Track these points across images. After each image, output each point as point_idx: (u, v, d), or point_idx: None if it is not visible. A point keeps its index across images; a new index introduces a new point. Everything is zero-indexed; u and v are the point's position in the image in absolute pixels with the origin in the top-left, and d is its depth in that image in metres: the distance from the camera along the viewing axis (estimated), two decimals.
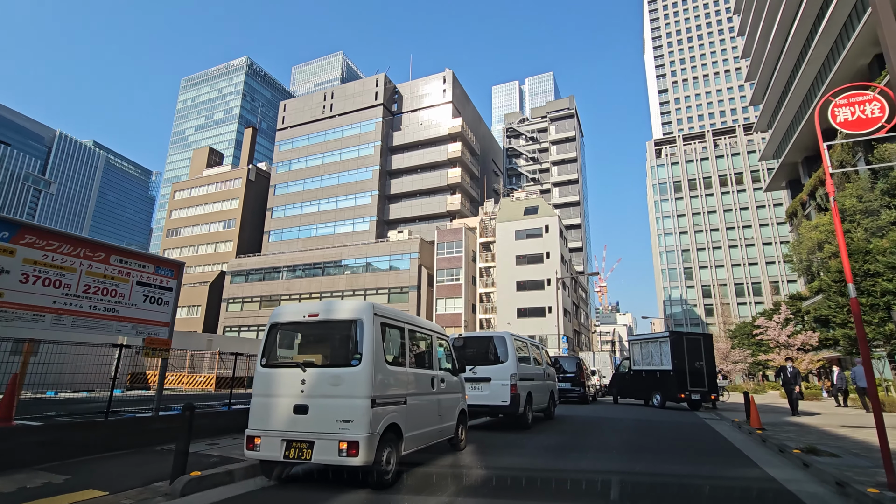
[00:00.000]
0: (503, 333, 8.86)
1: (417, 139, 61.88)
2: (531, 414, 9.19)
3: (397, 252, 50.10)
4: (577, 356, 17.94)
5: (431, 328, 5.97)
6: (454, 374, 6.50)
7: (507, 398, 8.24)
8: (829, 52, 32.22)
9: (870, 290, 23.12)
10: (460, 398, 6.57)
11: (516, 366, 8.57)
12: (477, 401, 8.51)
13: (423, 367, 5.56)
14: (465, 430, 6.70)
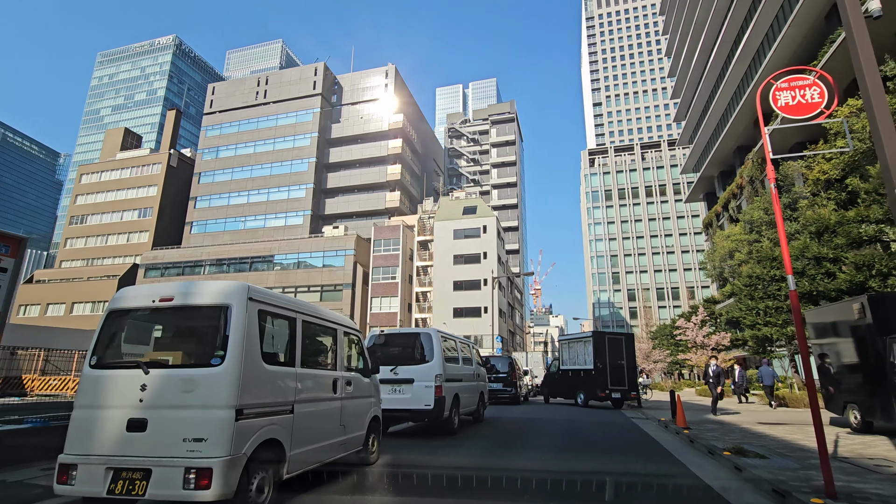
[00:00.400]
0: (429, 330, 8.04)
1: (357, 133, 59.98)
2: (458, 418, 8.45)
3: (332, 248, 48.05)
4: (510, 356, 17.57)
5: (337, 320, 4.97)
6: (366, 376, 5.56)
7: (431, 401, 7.44)
8: (744, 76, 34.85)
9: (775, 294, 24.91)
10: (373, 403, 5.64)
11: (442, 366, 7.79)
12: (397, 405, 7.62)
13: (323, 367, 4.58)
14: (378, 441, 5.78)
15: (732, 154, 40.92)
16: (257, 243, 52.60)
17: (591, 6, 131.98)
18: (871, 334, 8.21)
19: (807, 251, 19.67)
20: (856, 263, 16.35)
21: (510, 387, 16.69)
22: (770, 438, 8.05)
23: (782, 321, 24.23)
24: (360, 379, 5.36)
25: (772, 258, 25.68)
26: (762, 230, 34.82)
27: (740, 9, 33.25)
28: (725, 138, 38.81)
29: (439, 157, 74.78)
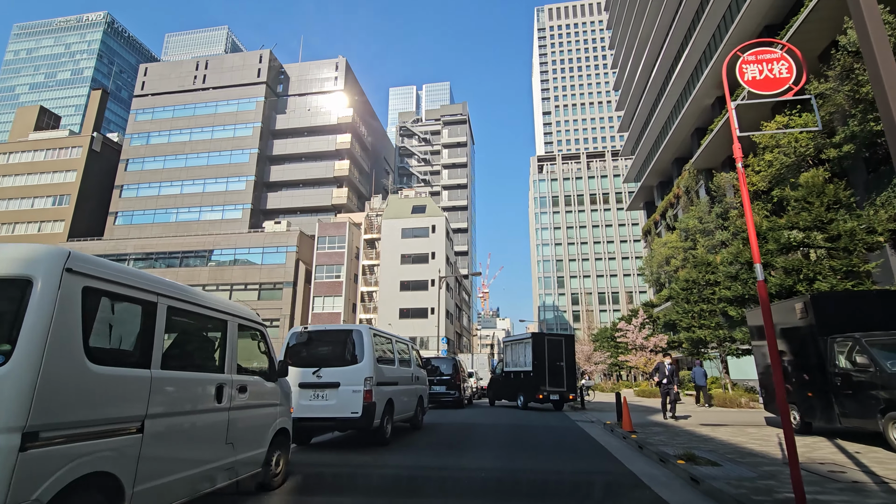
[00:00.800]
0: (359, 327, 7.09)
1: (304, 125, 57.54)
2: (391, 426, 7.53)
3: (273, 245, 45.55)
4: (454, 357, 16.86)
5: (227, 309, 3.90)
6: (271, 379, 4.54)
7: (359, 408, 6.47)
8: (683, 90, 36.49)
9: (709, 297, 25.88)
10: (278, 413, 4.62)
11: (374, 367, 6.85)
12: (320, 412, 6.59)
13: (201, 368, 3.54)
14: (286, 459, 4.75)
15: (671, 165, 42.68)
16: (190, 237, 48.99)
17: (542, 18, 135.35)
18: (812, 334, 8.14)
19: (740, 256, 20.42)
20: (785, 268, 16.99)
21: (454, 390, 15.97)
22: (717, 442, 7.75)
23: (715, 324, 25.20)
24: (262, 384, 4.34)
25: (706, 263, 26.68)
26: (697, 238, 36.47)
27: (680, 28, 34.80)
28: (665, 150, 40.48)
29: (390, 155, 73.39)
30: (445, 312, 41.31)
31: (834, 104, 19.32)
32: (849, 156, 20.44)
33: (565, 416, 13.29)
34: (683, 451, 6.38)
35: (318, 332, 7.24)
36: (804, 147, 23.54)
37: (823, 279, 16.30)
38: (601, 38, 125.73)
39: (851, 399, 7.25)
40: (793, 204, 17.60)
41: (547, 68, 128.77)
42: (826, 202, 16.63)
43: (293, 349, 7.10)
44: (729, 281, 21.26)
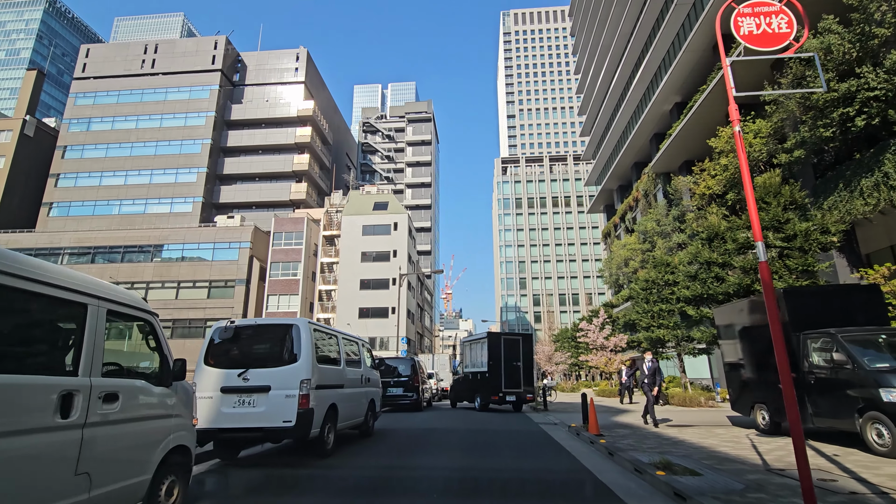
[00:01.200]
0: (296, 321, 6.09)
1: (261, 116, 55.09)
2: (333, 435, 6.56)
3: (225, 240, 43.13)
4: (413, 358, 15.97)
5: (86, 288, 2.85)
6: (162, 384, 3.54)
7: (293, 416, 5.49)
8: (643, 96, 37.23)
9: (668, 297, 26.16)
10: (172, 427, 3.60)
11: (312, 368, 5.87)
12: (244, 421, 5.55)
13: (27, 370, 2.50)
14: (183, 486, 3.71)
15: (630, 169, 43.60)
16: (134, 231, 45.77)
17: (508, 22, 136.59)
18: (784, 330, 7.76)
19: (699, 256, 20.58)
20: (743, 267, 17.11)
21: (411, 392, 15.07)
22: (688, 445, 7.23)
23: (673, 323, 25.48)
24: (146, 390, 3.33)
25: (665, 264, 26.98)
26: (655, 240, 37.19)
27: (640, 35, 35.53)
28: (625, 154, 41.29)
29: (352, 151, 71.59)
30: (407, 312, 40.28)
31: (786, 111, 19.81)
32: (799, 161, 21.00)
33: (528, 419, 12.66)
34: (658, 457, 5.77)
35: (248, 327, 6.18)
36: (758, 152, 24.17)
37: (779, 279, 16.52)
38: (565, 44, 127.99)
39: (826, 398, 6.89)
40: None
41: (512, 72, 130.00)
42: (783, 202, 16.86)
43: (216, 348, 6.03)
44: (688, 280, 21.42)
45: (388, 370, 15.49)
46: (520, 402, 15.51)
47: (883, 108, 15.48)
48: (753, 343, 8.76)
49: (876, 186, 16.22)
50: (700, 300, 20.37)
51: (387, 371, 15.44)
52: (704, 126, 27.72)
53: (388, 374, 15.35)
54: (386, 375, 15.27)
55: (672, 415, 12.74)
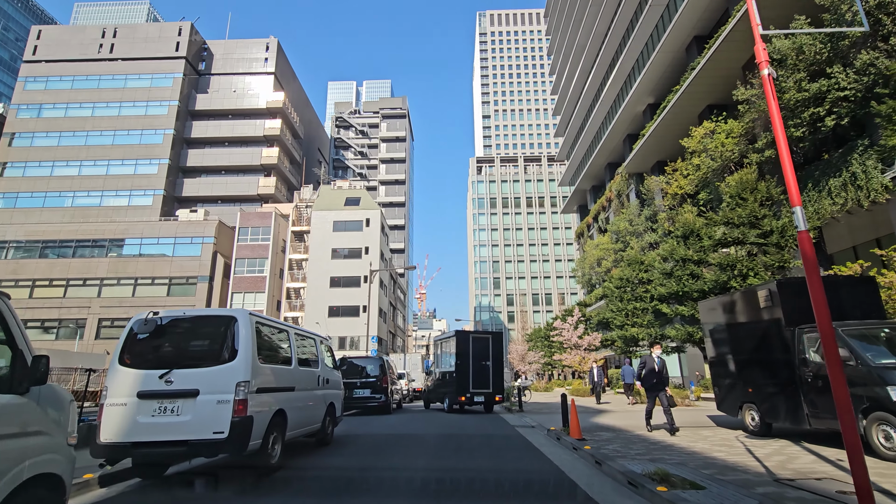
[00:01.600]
0: (235, 312, 5.11)
1: (228, 107, 52.89)
2: (280, 446, 5.62)
3: (187, 235, 41.03)
4: (381, 357, 15.05)
5: None
6: (14, 390, 2.56)
7: (226, 426, 4.55)
8: (616, 97, 37.44)
9: (642, 296, 26.03)
10: (29, 450, 2.59)
11: (253, 368, 4.93)
12: (165, 433, 4.56)
13: None
14: None
15: (604, 170, 43.92)
16: (88, 224, 43.07)
17: (484, 23, 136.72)
18: (776, 325, 7.25)
19: (675, 253, 20.38)
20: (720, 264, 16.89)
21: (380, 393, 14.14)
22: (679, 451, 6.60)
23: (647, 322, 25.34)
24: None
25: (639, 262, 26.86)
26: (628, 239, 37.33)
27: (615, 37, 35.71)
28: (598, 155, 41.52)
29: (325, 147, 69.79)
30: (378, 311, 39.16)
31: (758, 110, 19.86)
32: (770, 160, 21.17)
33: (503, 421, 11.92)
34: (652, 467, 5.09)
35: (176, 319, 5.15)
36: (730, 151, 24.24)
37: (756, 275, 16.37)
38: (541, 46, 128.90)
39: (825, 397, 6.37)
40: (727, 200, 17.62)
41: (487, 72, 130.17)
42: (759, 199, 16.73)
43: (136, 344, 5.01)
44: (664, 278, 21.21)
45: (354, 370, 14.52)
46: (489, 402, 14.93)
47: (852, 109, 15.52)
48: (743, 339, 8.25)
49: (844, 186, 16.25)
50: (675, 298, 20.15)
51: (353, 371, 14.47)
52: (677, 126, 27.89)
53: (354, 375, 14.38)
54: (352, 376, 14.30)
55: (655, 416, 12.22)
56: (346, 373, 14.39)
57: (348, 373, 14.40)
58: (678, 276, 19.87)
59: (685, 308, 19.02)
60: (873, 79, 14.88)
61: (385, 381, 14.29)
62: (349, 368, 14.55)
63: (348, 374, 14.35)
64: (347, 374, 14.35)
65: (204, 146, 52.16)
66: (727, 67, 23.75)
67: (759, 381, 7.75)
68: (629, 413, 13.17)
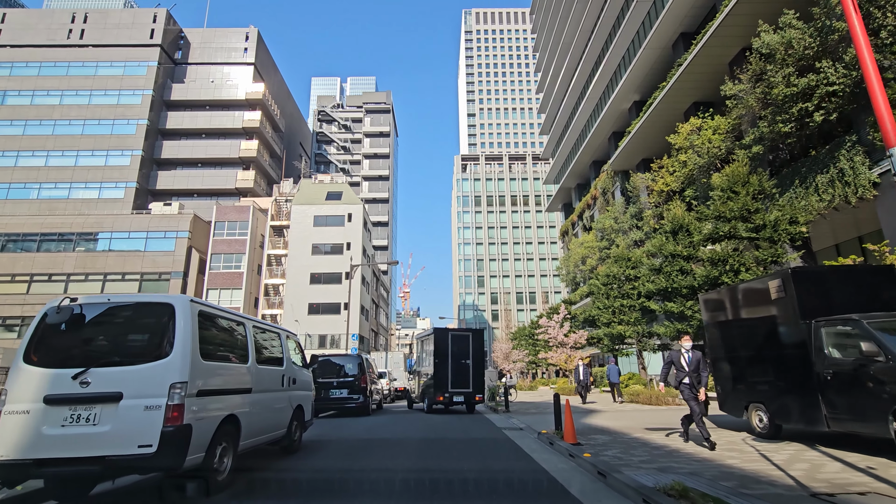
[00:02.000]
0: (171, 298, 4.21)
1: (206, 98, 51.13)
2: (231, 459, 4.74)
3: (160, 229, 39.37)
4: (361, 355, 14.17)
5: None
6: None
7: (155, 438, 3.66)
8: (602, 94, 37.19)
9: (629, 293, 25.63)
10: None
11: (192, 366, 4.05)
12: (78, 448, 3.64)
13: None
14: None
15: (589, 167, 43.77)
16: (54, 217, 41.07)
17: (470, 21, 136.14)
18: (790, 318, 6.63)
19: (664, 249, 19.94)
20: (711, 259, 16.44)
21: (358, 393, 13.27)
22: (686, 457, 5.92)
23: (634, 319, 24.93)
24: None
25: (627, 259, 26.45)
26: (613, 237, 37.05)
27: (601, 34, 35.47)
28: (583, 153, 41.33)
29: (307, 141, 68.20)
30: (360, 308, 38.12)
31: (746, 106, 19.60)
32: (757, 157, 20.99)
33: (489, 423, 11.17)
34: (666, 479, 4.37)
35: (98, 306, 4.23)
36: (716, 148, 23.96)
37: (747, 270, 15.96)
38: (526, 45, 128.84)
39: (847, 397, 5.76)
40: (718, 194, 17.20)
41: (473, 71, 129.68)
42: (751, 192, 16.32)
43: (47, 337, 4.09)
44: (652, 274, 20.76)
45: (330, 369, 13.62)
46: (469, 402, 14.39)
47: (840, 104, 15.24)
48: (750, 334, 7.63)
49: (831, 183, 15.96)
50: (664, 294, 19.71)
51: (329, 370, 13.56)
52: (663, 124, 27.68)
53: (330, 374, 13.48)
54: (327, 375, 13.39)
55: (644, 415, 11.64)
56: (322, 372, 13.49)
57: (324, 372, 13.50)
58: (667, 272, 19.42)
59: (674, 305, 18.56)
60: (862, 74, 14.63)
61: (364, 380, 13.42)
62: (324, 367, 13.65)
63: (324, 374, 13.46)
64: (323, 374, 13.46)
65: (180, 138, 50.34)
66: (714, 64, 23.58)
67: (769, 380, 7.14)
68: (620, 413, 12.56)
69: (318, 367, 13.59)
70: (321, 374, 13.46)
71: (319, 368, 13.57)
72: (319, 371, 13.51)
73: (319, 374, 13.49)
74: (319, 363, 13.69)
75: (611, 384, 18.84)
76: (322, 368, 13.57)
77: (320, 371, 13.50)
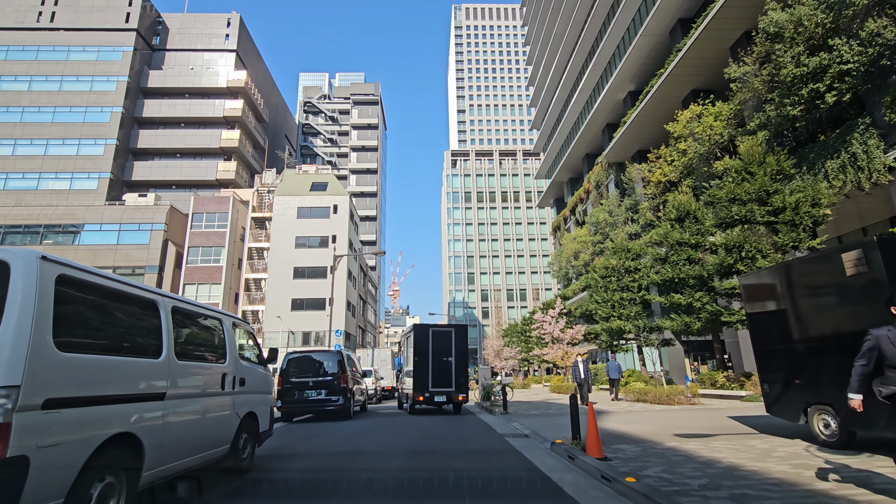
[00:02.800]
0: (8, 252, 2.65)
1: (185, 86, 48.94)
2: (123, 499, 3.19)
3: (133, 221, 37.31)
4: (341, 351, 12.61)
5: None
6: None
7: None
8: (596, 85, 36.21)
9: (629, 285, 24.38)
10: None
11: (33, 360, 2.49)
12: None
13: None
14: None
15: (582, 161, 42.91)
16: (20, 209, 38.74)
17: (459, 16, 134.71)
18: (875, 299, 5.22)
19: (668, 237, 18.66)
20: (725, 245, 15.15)
21: (337, 394, 11.71)
22: (756, 477, 4.53)
23: (635, 313, 23.69)
24: None
25: (626, 250, 25.20)
26: (607, 231, 35.88)
27: (595, 23, 34.55)
28: (576, 146, 40.54)
29: (292, 133, 66.11)
30: (346, 304, 36.46)
31: (751, 89, 18.50)
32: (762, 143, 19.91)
33: (488, 428, 9.70)
34: None
35: None
36: (718, 135, 22.82)
37: (764, 257, 14.72)
38: (516, 42, 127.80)
39: None
40: (732, 175, 15.93)
41: (463, 66, 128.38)
42: (769, 172, 15.06)
43: None
44: (657, 264, 19.47)
45: (306, 367, 12.05)
46: (453, 402, 13.52)
47: (854, 84, 14.12)
48: (811, 321, 6.24)
49: (842, 168, 14.79)
50: (670, 286, 18.43)
51: (304, 368, 11.99)
52: (660, 112, 26.80)
53: (306, 373, 11.91)
54: (302, 374, 11.83)
55: (662, 417, 10.27)
56: (296, 370, 11.93)
57: (299, 370, 11.94)
58: (673, 261, 18.12)
59: (682, 296, 17.25)
60: (879, 50, 13.52)
61: (344, 379, 11.87)
62: (300, 365, 12.08)
63: (299, 372, 11.89)
64: (298, 372, 11.90)
65: (157, 127, 48.09)
66: (715, 48, 22.68)
67: (837, 376, 5.74)
68: (633, 414, 11.19)
69: (292, 364, 12.02)
70: (296, 372, 11.90)
71: (294, 366, 12.01)
72: (294, 370, 11.95)
73: (294, 372, 11.93)
74: (293, 360, 12.12)
75: (610, 381, 17.59)
76: (297, 366, 12.01)
77: (295, 370, 11.95)
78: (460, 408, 14.12)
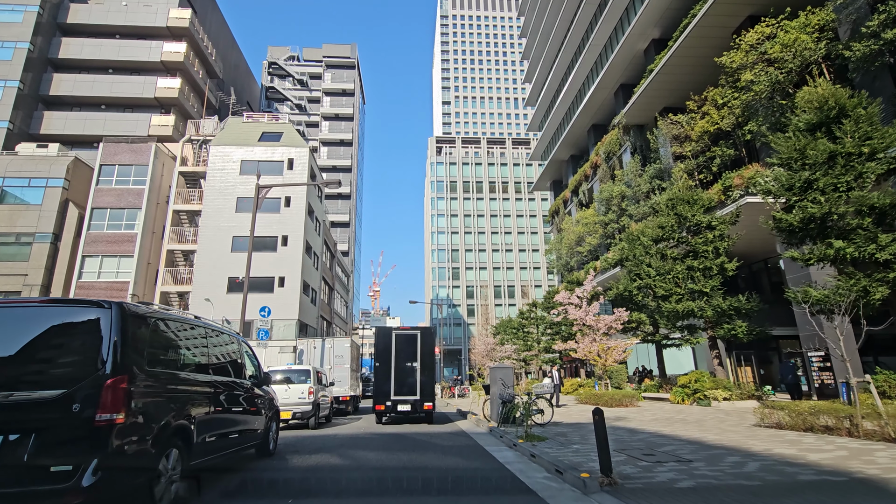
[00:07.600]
0: None
1: (114, 24, 39.99)
2: None
3: (23, 175, 28.42)
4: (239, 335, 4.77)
5: None
6: None
7: None
8: (608, 40, 30.07)
9: (701, 249, 17.03)
10: None
11: None
12: None
13: None
14: None
15: (587, 133, 38.11)
16: None
17: (445, 5, 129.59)
18: None
19: (811, 150, 11.24)
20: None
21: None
22: None
23: (710, 288, 16.29)
24: None
25: (691, 201, 17.89)
26: (625, 206, 29.05)
27: None
28: (581, 116, 35.00)
29: (255, 100, 57.38)
30: (302, 284, 28.12)
31: None
32: (865, 60, 14.10)
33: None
34: None
35: None
36: (808, 50, 15.84)
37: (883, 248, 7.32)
38: (503, 33, 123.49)
39: None
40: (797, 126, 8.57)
41: (448, 56, 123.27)
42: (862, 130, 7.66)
43: None
44: (783, 192, 11.98)
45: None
46: (417, 412, 12.27)
47: None
48: None
49: None
50: (815, 230, 10.98)
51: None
52: (700, 55, 20.41)
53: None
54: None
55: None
56: None
57: None
58: (822, 187, 10.73)
59: (846, 244, 9.79)
60: None
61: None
62: None
63: None
64: None
65: (77, 70, 38.99)
66: None
67: None
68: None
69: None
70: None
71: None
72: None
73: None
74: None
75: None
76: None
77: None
78: (431, 417, 12.92)
